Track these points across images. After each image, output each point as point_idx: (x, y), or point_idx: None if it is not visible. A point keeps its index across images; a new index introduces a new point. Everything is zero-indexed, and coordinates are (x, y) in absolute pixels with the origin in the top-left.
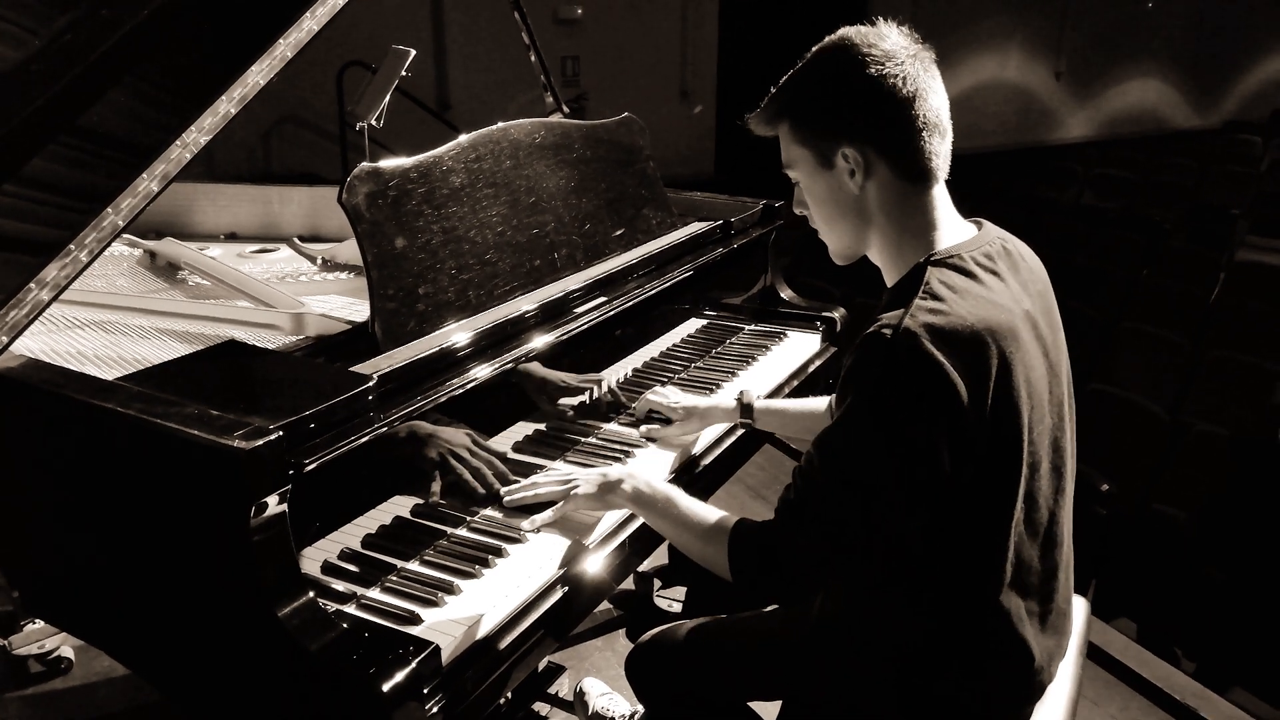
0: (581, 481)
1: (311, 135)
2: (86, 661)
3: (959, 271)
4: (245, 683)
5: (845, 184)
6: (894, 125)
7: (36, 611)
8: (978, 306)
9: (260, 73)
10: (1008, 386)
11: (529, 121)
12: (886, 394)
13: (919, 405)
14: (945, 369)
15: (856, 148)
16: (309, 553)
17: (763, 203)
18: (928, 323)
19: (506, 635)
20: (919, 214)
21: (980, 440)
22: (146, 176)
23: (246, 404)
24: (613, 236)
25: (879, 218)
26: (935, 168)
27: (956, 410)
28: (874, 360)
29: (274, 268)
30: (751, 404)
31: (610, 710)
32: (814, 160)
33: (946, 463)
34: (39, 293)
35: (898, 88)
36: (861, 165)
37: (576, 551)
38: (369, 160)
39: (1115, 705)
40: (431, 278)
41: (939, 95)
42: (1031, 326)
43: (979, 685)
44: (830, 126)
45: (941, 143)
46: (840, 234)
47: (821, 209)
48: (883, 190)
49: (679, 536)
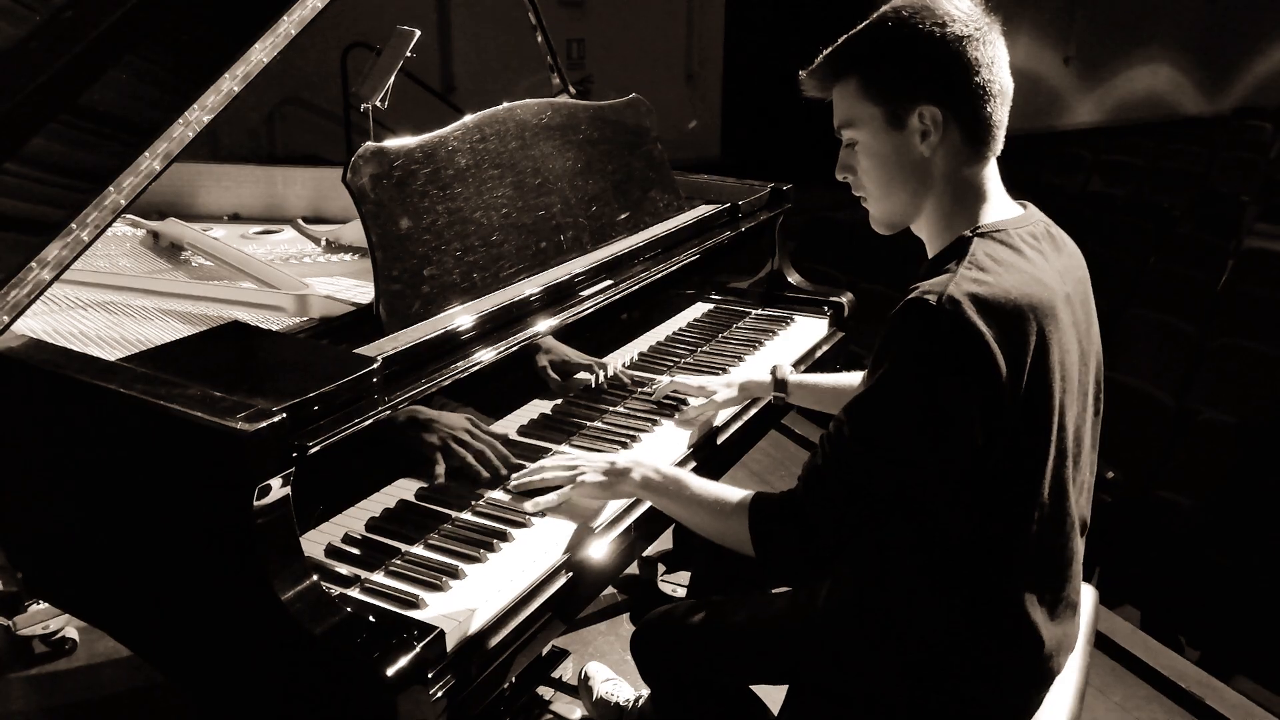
0: (588, 469)
1: (315, 117)
2: (90, 643)
3: (1005, 245)
4: (248, 666)
5: (914, 146)
6: (971, 89)
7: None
8: (1021, 281)
9: (264, 50)
10: (1044, 364)
11: (535, 102)
12: (926, 360)
13: (958, 374)
14: (986, 339)
15: (936, 107)
16: (312, 535)
17: (770, 186)
18: (972, 292)
19: (511, 620)
20: (974, 185)
21: (1013, 416)
22: (149, 155)
23: (250, 386)
24: (619, 219)
25: (939, 184)
26: (997, 137)
27: (994, 382)
28: (915, 325)
29: (278, 249)
30: (786, 379)
31: (615, 695)
32: (883, 119)
33: (979, 435)
34: (40, 272)
35: (979, 51)
36: (939, 125)
37: (582, 536)
38: (373, 141)
39: (1120, 693)
40: (436, 259)
41: (1007, 66)
42: (1070, 310)
43: (988, 671)
44: (908, 84)
45: (1004, 113)
46: (895, 199)
47: (881, 171)
48: (949, 156)
49: (694, 518)
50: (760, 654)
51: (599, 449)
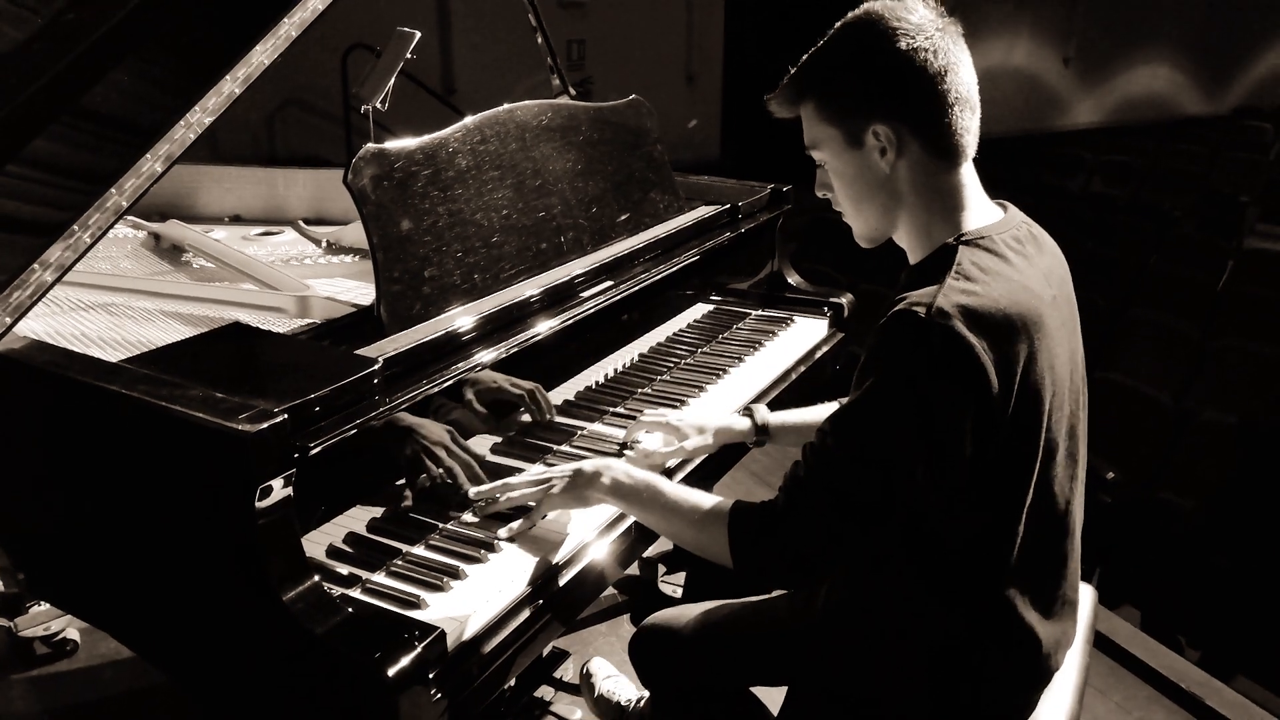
0: (555, 480)
1: (316, 118)
2: (92, 644)
3: (990, 253)
4: (250, 666)
5: (875, 163)
6: (925, 101)
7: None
8: (1010, 290)
9: (264, 52)
10: (1033, 372)
11: (535, 103)
12: (915, 372)
13: (948, 386)
14: (976, 351)
15: (888, 125)
16: (313, 536)
17: (770, 187)
18: (961, 304)
19: (512, 620)
20: (949, 193)
21: (1003, 425)
22: (150, 157)
23: (251, 387)
24: (619, 220)
25: (909, 197)
26: (965, 145)
27: (984, 394)
28: (904, 337)
29: (279, 250)
30: (767, 422)
31: (616, 694)
32: (842, 139)
33: (969, 445)
34: (42, 274)
35: (929, 62)
36: (893, 143)
37: (581, 538)
38: (374, 143)
39: (1120, 693)
40: (437, 261)
41: (968, 69)
42: (1056, 312)
43: (985, 670)
44: (860, 104)
45: (971, 118)
46: (868, 215)
47: (849, 190)
48: (913, 169)
49: (669, 527)
50: (759, 656)
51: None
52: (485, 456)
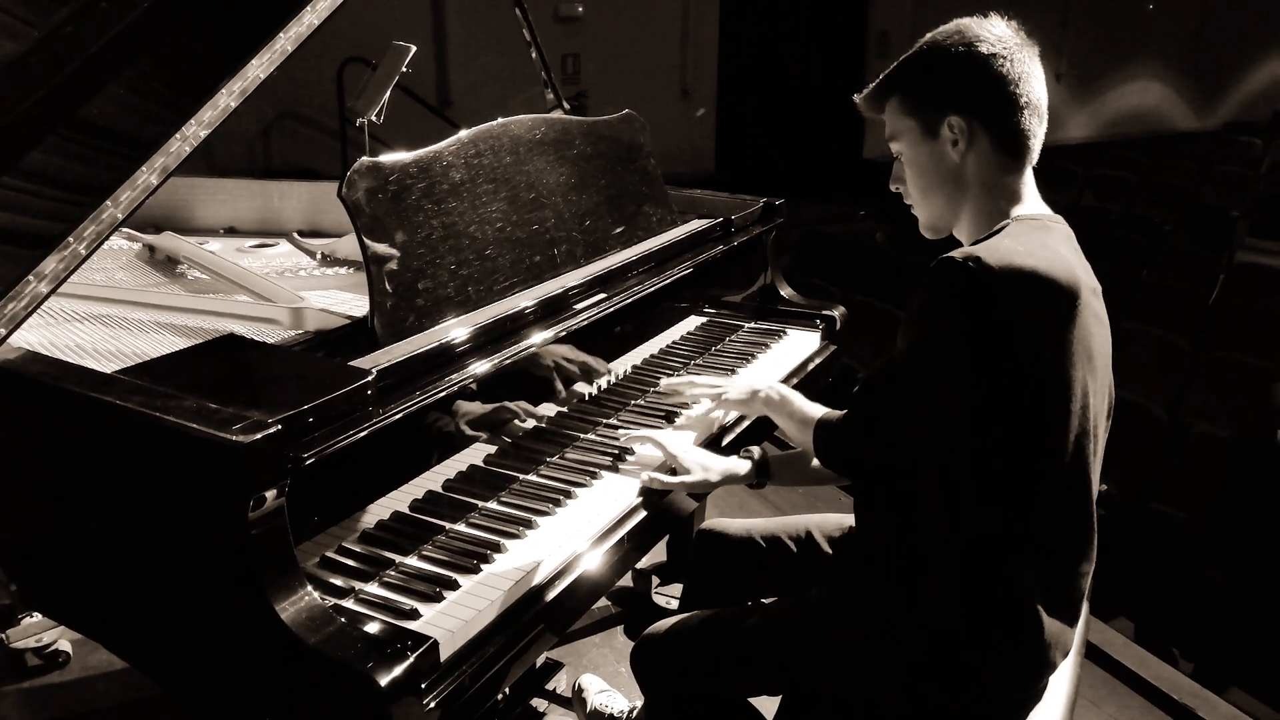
0: (729, 388)
1: (311, 131)
2: (84, 655)
3: (1040, 229)
4: (243, 676)
5: (947, 153)
6: (998, 99)
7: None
8: (1051, 257)
9: (260, 66)
10: (1064, 339)
11: (529, 117)
12: (951, 316)
13: (979, 330)
14: (1010, 297)
15: (962, 117)
16: (307, 547)
17: (763, 200)
18: (1002, 256)
19: (505, 630)
20: (1010, 191)
21: (1031, 382)
22: (145, 169)
23: (245, 398)
24: (613, 233)
25: (974, 188)
26: (1031, 147)
27: (1009, 341)
28: (941, 284)
29: (273, 262)
30: (767, 461)
31: (609, 707)
32: (919, 130)
33: (1001, 390)
34: (37, 285)
35: (1005, 66)
36: (965, 135)
37: (576, 547)
38: (369, 156)
39: (1113, 705)
40: (431, 273)
41: (1040, 82)
42: (1096, 303)
43: (987, 657)
44: (938, 96)
45: (1039, 126)
46: (935, 204)
47: (920, 180)
48: (981, 162)
49: (791, 431)
50: (761, 665)
51: (583, 466)
52: (478, 464)
